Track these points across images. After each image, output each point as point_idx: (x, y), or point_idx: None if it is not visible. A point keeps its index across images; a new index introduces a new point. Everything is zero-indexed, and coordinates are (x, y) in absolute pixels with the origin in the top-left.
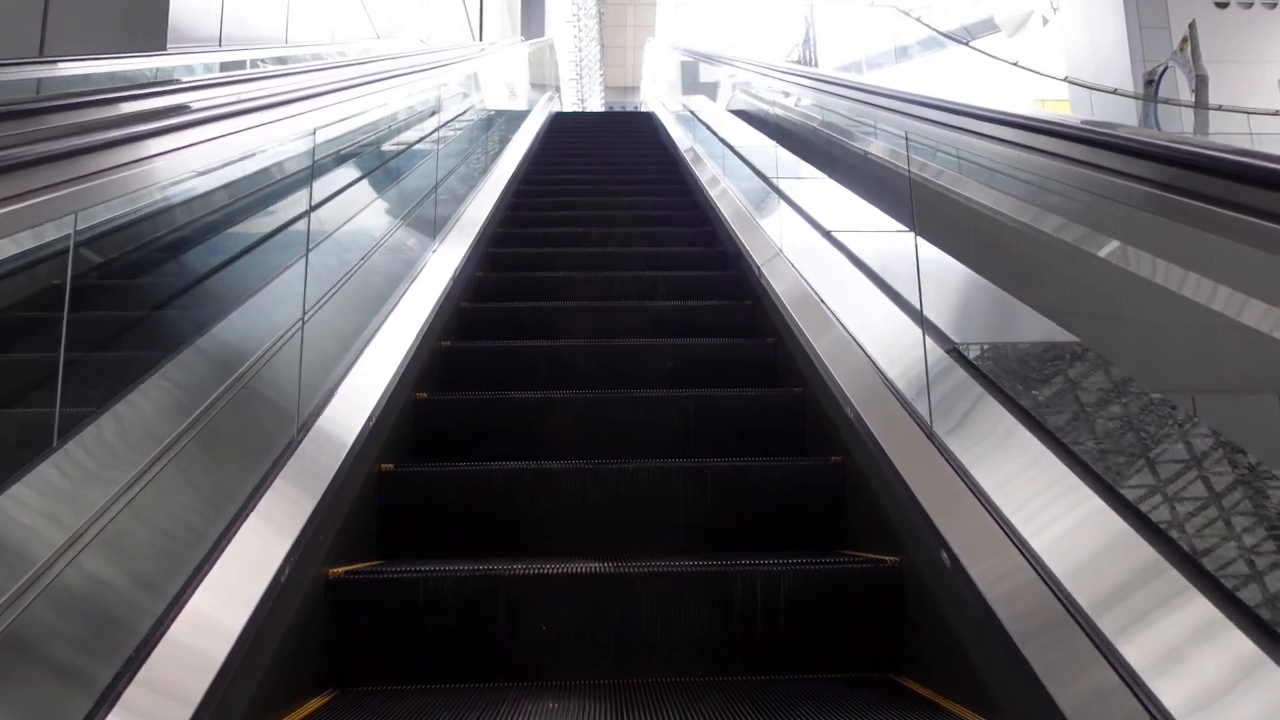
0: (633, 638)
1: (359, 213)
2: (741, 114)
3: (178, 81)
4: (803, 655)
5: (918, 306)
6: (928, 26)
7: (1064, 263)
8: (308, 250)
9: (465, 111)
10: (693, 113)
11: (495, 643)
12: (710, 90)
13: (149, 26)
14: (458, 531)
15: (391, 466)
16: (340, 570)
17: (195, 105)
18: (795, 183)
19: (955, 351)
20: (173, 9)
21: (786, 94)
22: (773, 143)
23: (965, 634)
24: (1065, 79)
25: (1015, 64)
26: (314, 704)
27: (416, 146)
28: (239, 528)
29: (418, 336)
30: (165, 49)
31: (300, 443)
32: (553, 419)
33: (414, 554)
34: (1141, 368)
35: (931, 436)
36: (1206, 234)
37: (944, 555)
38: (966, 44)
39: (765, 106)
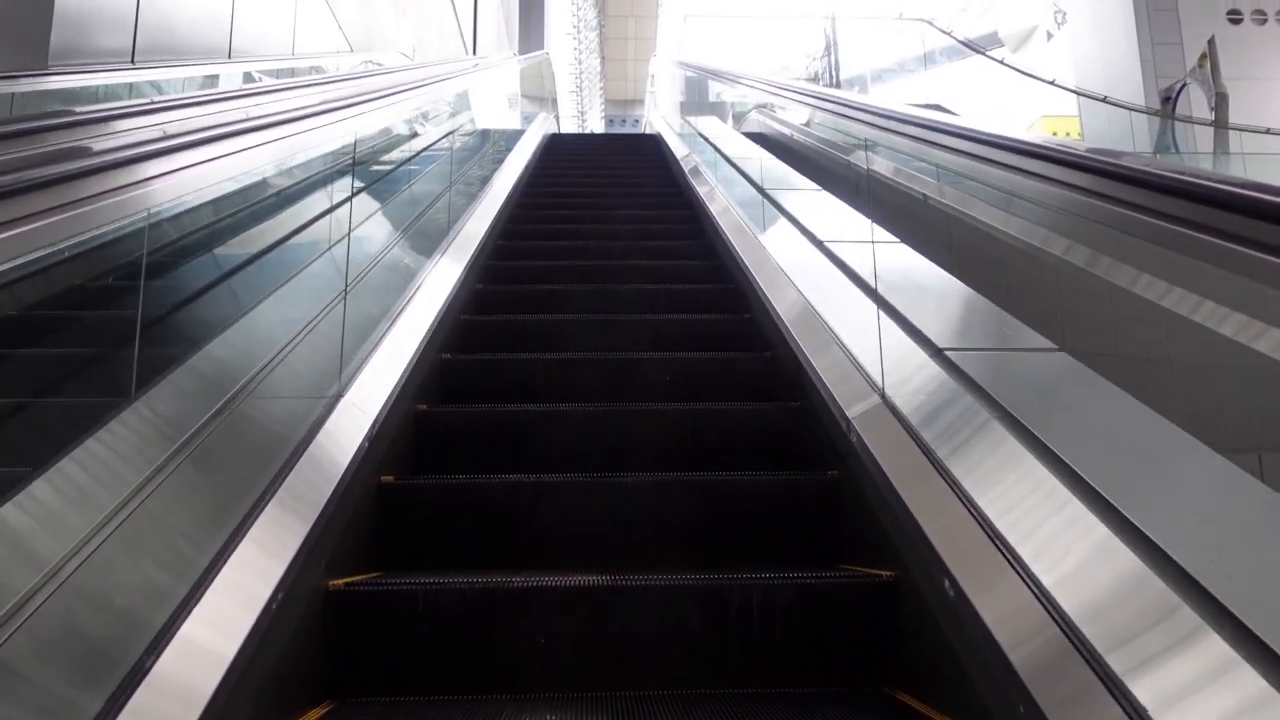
0: (629, 650)
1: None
2: (759, 137)
3: None
4: (798, 668)
5: None
6: (958, 40)
7: None
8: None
9: (436, 142)
10: (706, 138)
11: (493, 654)
12: (723, 111)
13: (25, 39)
14: (457, 543)
15: (391, 479)
16: (340, 582)
17: None
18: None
19: None
20: (63, 17)
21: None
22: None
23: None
24: (1105, 99)
25: (1053, 82)
26: (313, 715)
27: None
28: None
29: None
30: (46, 68)
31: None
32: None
33: (413, 566)
34: None
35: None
36: None
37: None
38: (1001, 61)
39: (790, 132)
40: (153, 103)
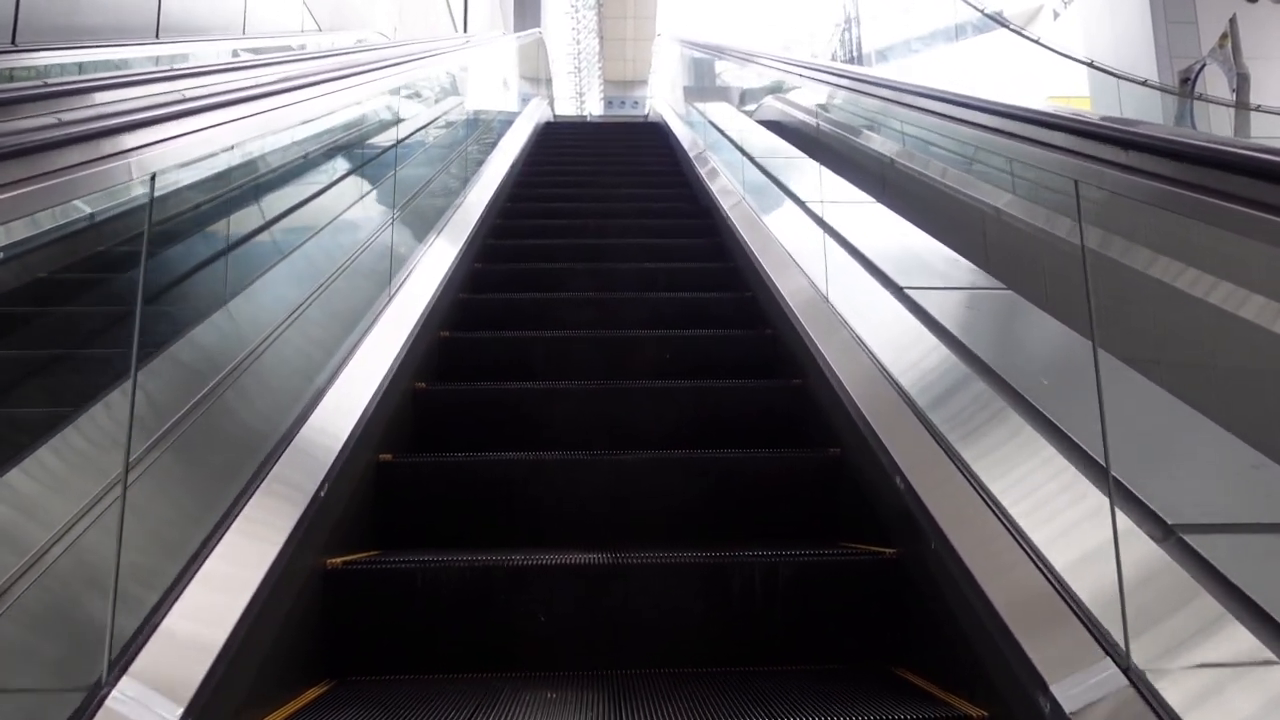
0: (629, 628)
1: None
2: (775, 125)
3: None
4: (799, 646)
5: None
6: (988, 15)
7: None
8: None
9: (422, 128)
10: (722, 129)
11: (492, 632)
12: (732, 95)
13: None
14: (456, 522)
15: (390, 457)
16: (338, 560)
17: None
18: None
19: None
20: None
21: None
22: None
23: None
24: (1145, 83)
25: (1091, 63)
26: (312, 693)
27: None
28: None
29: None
30: None
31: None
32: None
33: (412, 544)
34: None
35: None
36: None
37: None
38: (1036, 40)
39: (815, 121)
40: None
